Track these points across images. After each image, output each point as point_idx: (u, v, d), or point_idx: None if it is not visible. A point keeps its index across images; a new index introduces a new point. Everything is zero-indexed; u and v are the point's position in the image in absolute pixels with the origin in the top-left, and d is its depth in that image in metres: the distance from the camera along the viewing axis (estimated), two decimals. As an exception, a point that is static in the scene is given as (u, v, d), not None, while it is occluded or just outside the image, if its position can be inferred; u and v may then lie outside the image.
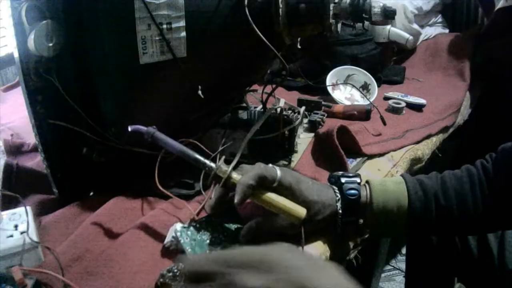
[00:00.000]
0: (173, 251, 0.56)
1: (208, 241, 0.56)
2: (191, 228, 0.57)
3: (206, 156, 0.58)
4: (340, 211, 0.59)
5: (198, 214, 0.63)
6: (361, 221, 0.60)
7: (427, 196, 0.59)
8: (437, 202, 0.59)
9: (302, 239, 0.55)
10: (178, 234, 0.55)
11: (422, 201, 0.59)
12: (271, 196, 0.55)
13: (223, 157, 0.57)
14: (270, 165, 0.57)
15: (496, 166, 0.60)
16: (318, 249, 0.60)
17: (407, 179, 0.61)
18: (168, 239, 0.57)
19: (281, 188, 0.55)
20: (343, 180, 0.60)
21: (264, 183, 0.54)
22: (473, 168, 0.62)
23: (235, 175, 0.55)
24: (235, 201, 0.52)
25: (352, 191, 0.59)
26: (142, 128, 0.56)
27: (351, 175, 0.62)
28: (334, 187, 0.61)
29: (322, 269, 0.38)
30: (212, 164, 0.55)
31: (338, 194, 0.59)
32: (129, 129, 0.56)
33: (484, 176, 0.60)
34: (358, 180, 0.61)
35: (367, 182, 0.62)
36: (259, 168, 0.55)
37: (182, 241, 0.55)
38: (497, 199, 0.58)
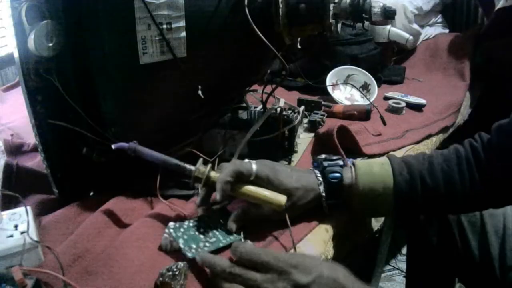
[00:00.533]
0: (171, 251, 0.56)
1: (201, 236, 0.56)
2: (184, 225, 0.58)
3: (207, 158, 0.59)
4: (324, 194, 0.61)
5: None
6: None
7: (412, 176, 0.60)
8: (423, 182, 0.60)
9: (288, 224, 0.58)
10: (171, 230, 0.56)
11: (407, 181, 0.60)
12: (250, 188, 0.57)
13: (201, 159, 0.59)
14: (246, 160, 0.59)
15: (490, 145, 0.60)
16: (318, 248, 0.60)
17: (393, 160, 0.62)
18: (162, 238, 0.57)
19: (259, 180, 0.58)
20: (325, 163, 0.62)
21: (242, 178, 0.57)
22: (461, 147, 0.63)
23: (214, 174, 0.57)
24: (217, 198, 0.55)
25: (335, 174, 0.61)
26: (125, 144, 0.58)
27: (334, 158, 0.63)
28: (316, 171, 0.62)
29: (335, 266, 0.50)
30: (192, 167, 0.57)
31: (320, 178, 0.61)
32: (113, 147, 0.58)
33: (472, 155, 0.60)
34: (341, 163, 0.63)
35: (352, 164, 0.63)
36: (234, 164, 0.57)
37: (174, 235, 0.55)
38: (490, 182, 0.59)
